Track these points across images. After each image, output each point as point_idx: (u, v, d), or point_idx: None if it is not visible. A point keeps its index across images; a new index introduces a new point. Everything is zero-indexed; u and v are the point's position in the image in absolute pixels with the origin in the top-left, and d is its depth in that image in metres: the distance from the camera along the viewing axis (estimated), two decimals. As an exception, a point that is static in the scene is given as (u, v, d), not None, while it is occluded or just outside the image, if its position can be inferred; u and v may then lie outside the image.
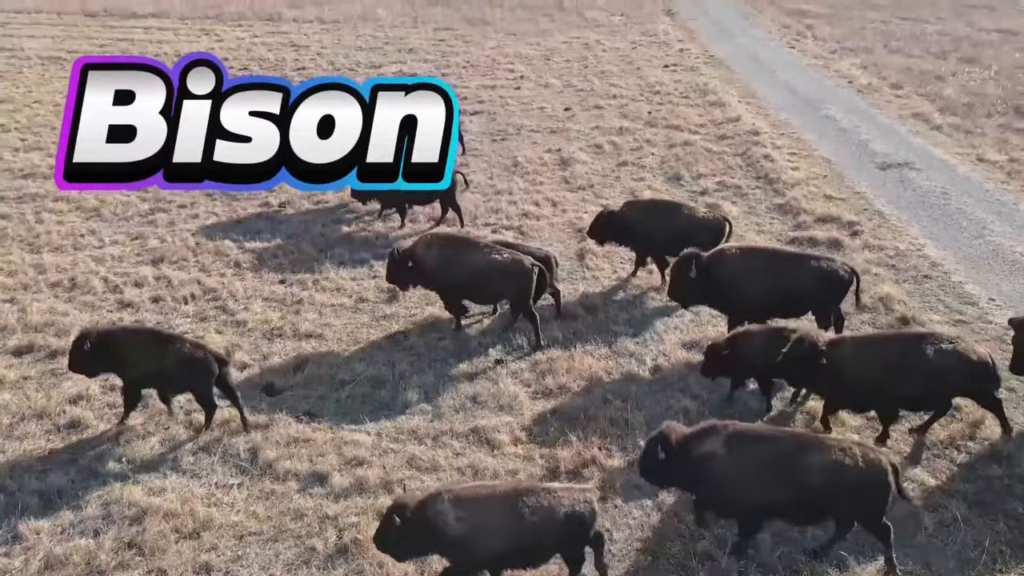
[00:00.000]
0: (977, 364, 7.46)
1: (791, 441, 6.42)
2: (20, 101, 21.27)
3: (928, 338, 7.64)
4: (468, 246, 9.69)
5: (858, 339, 7.95)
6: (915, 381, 7.40)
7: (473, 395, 8.69)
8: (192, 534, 6.75)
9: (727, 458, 6.25)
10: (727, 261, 9.09)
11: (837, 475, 6.08)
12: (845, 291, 9.11)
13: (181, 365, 7.78)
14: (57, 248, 12.44)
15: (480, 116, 19.66)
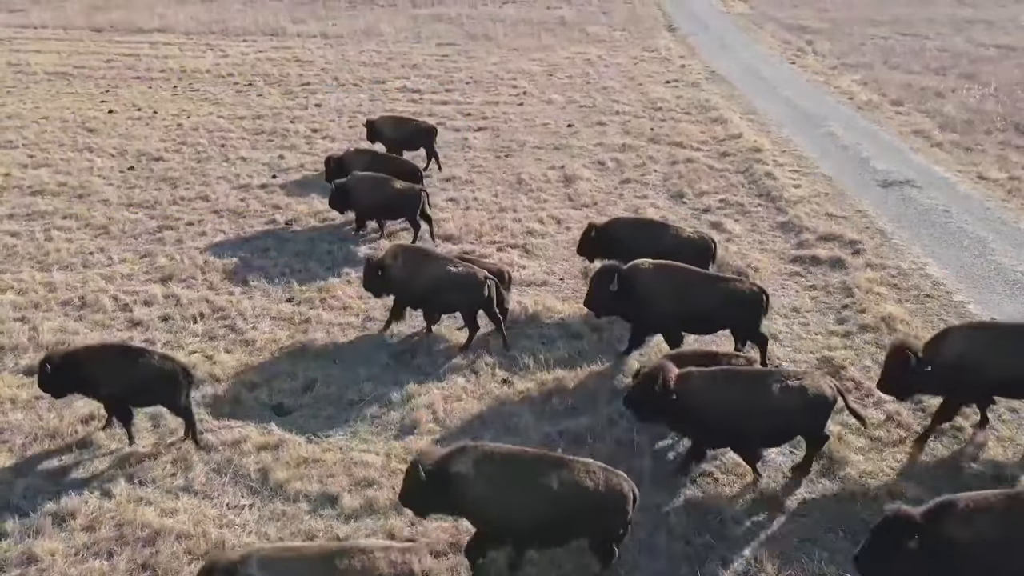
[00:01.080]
0: (819, 401, 7.32)
1: (535, 461, 6.36)
2: (28, 117, 21.50)
3: (775, 375, 7.51)
4: (428, 258, 10.18)
5: (706, 375, 7.59)
6: (761, 418, 7.24)
7: (480, 415, 8.76)
8: (205, 556, 6.81)
9: (476, 480, 6.16)
10: (643, 277, 9.30)
11: (578, 496, 6.12)
12: (757, 312, 9.21)
13: (152, 379, 7.92)
14: (67, 266, 12.56)
15: (484, 132, 19.84)
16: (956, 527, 5.36)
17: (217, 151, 18.33)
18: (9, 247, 13.24)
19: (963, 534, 5.36)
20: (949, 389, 7.84)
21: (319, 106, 22.50)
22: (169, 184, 16.25)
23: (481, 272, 9.96)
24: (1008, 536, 5.34)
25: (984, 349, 7.61)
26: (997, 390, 7.94)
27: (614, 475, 6.35)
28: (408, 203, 13.13)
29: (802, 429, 7.52)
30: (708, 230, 13.77)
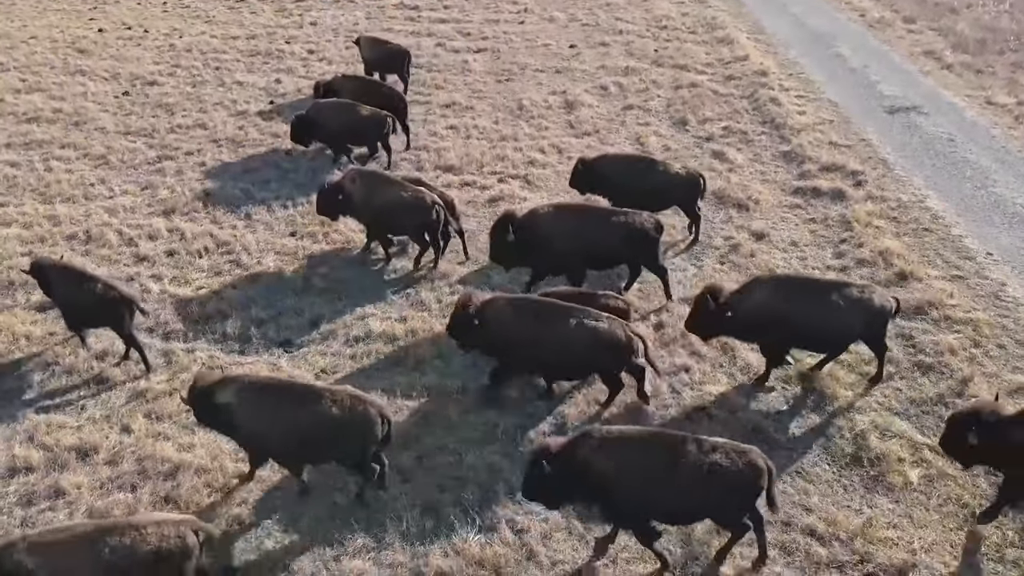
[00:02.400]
0: (610, 344, 7.62)
1: (290, 390, 6.92)
2: (16, 37, 20.91)
3: (576, 312, 7.75)
4: (382, 182, 10.55)
5: (507, 302, 7.94)
6: (553, 349, 7.60)
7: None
8: (223, 488, 7.21)
9: (242, 408, 6.76)
10: (540, 221, 9.37)
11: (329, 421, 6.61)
12: (655, 245, 9.49)
13: (96, 303, 8.51)
14: (69, 198, 12.58)
15: (484, 54, 19.34)
16: (591, 455, 6.06)
17: (212, 75, 17.94)
18: (10, 178, 13.22)
19: (598, 461, 6.02)
20: (750, 335, 8.26)
21: (314, 24, 21.83)
22: (165, 111, 16.02)
23: (430, 196, 10.24)
24: (639, 466, 6.02)
25: (783, 301, 7.92)
26: (794, 341, 8.20)
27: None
28: (374, 128, 13.06)
29: (595, 367, 7.82)
30: (710, 160, 13.81)
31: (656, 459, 6.07)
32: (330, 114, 13.07)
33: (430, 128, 15.22)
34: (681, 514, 6.29)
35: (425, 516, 6.93)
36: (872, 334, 8.08)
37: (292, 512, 7.07)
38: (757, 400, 8.27)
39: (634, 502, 6.09)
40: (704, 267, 10.70)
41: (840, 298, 7.84)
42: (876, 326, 8.02)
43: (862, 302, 7.88)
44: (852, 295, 7.89)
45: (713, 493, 6.02)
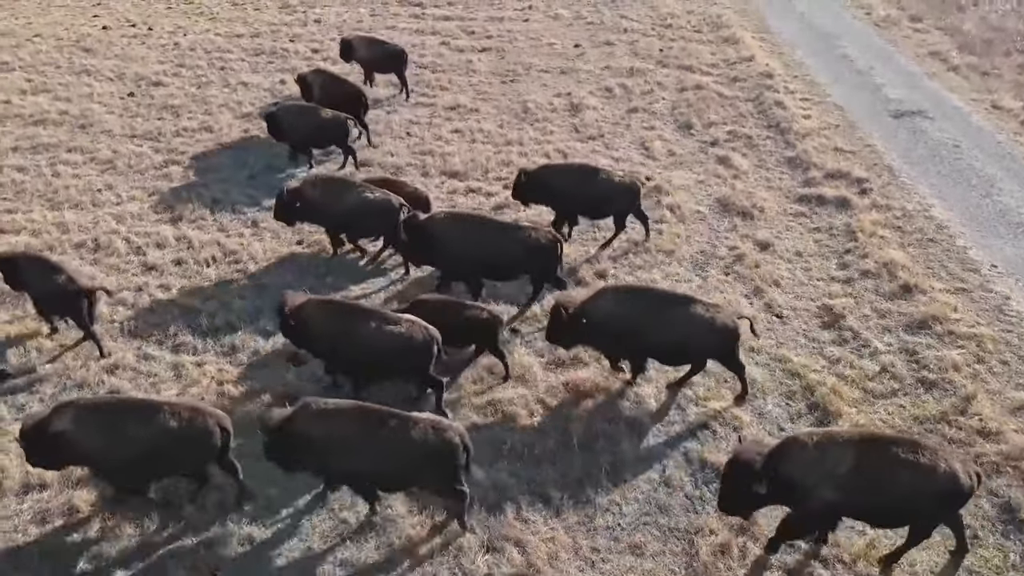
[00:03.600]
0: (414, 345, 7.96)
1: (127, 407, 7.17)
2: (20, 34, 20.89)
3: (378, 315, 8.11)
4: (344, 186, 10.77)
5: (314, 305, 8.32)
6: (357, 349, 8.02)
7: (489, 366, 9.09)
8: (234, 506, 7.32)
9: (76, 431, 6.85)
10: (439, 225, 9.74)
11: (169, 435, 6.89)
12: (553, 259, 9.73)
13: (54, 293, 9.07)
14: (77, 205, 12.64)
15: (489, 54, 19.30)
16: (307, 424, 6.79)
17: (217, 75, 17.94)
18: (18, 183, 13.28)
19: (313, 430, 6.78)
20: (601, 344, 8.53)
21: (318, 22, 21.76)
22: (171, 112, 16.04)
23: (396, 199, 10.47)
24: (344, 434, 6.76)
25: (628, 311, 8.16)
26: (645, 351, 8.42)
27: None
28: (334, 131, 13.28)
29: (403, 367, 8.16)
30: (715, 165, 13.83)
31: (359, 429, 6.73)
32: (292, 116, 13.30)
33: (435, 132, 15.23)
34: (389, 479, 6.92)
35: (433, 535, 7.03)
36: (721, 353, 8.26)
37: (300, 530, 7.17)
38: (762, 417, 8.35)
39: (344, 466, 6.80)
40: (709, 278, 10.76)
41: (682, 313, 8.06)
42: (723, 345, 8.16)
43: (704, 320, 8.05)
44: (696, 312, 8.08)
45: (412, 462, 6.71)
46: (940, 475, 6.16)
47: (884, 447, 6.31)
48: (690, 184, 13.23)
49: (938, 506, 6.32)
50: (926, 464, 6.17)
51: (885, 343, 9.30)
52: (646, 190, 12.97)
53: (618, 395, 8.67)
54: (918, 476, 6.14)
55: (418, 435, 6.66)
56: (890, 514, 6.43)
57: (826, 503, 6.29)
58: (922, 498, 6.22)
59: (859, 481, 6.21)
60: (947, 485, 6.19)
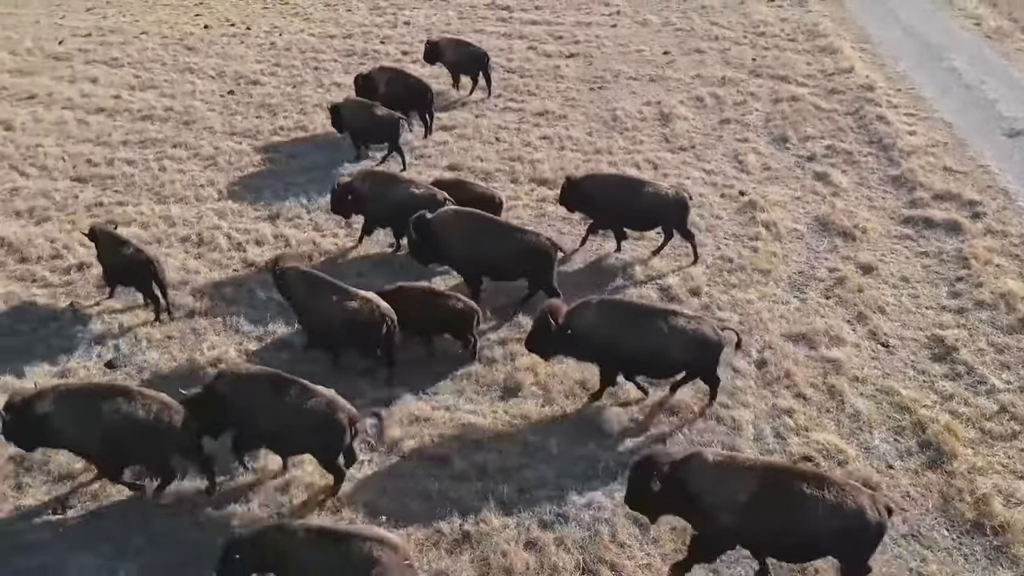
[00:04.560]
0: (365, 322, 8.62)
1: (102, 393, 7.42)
2: (128, 32, 21.93)
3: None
4: (394, 182, 11.13)
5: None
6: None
7: (582, 381, 9.00)
8: (332, 508, 7.45)
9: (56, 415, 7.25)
10: (441, 223, 9.93)
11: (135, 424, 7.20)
12: (549, 265, 9.79)
13: (127, 265, 9.84)
14: (182, 199, 13.15)
15: (576, 59, 19.18)
16: (226, 389, 7.49)
17: (311, 75, 18.39)
18: (128, 176, 13.91)
19: (231, 395, 7.50)
20: (585, 355, 8.53)
21: (408, 24, 22.09)
22: (268, 111, 16.53)
23: (441, 194, 10.73)
24: (251, 397, 7.48)
25: (609, 324, 8.18)
26: (626, 364, 8.39)
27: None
28: (385, 129, 13.61)
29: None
30: (812, 181, 13.37)
31: (264, 393, 7.40)
32: (350, 112, 13.90)
33: (523, 138, 15.22)
34: (282, 443, 7.54)
35: (528, 551, 7.00)
36: (701, 365, 8.21)
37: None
38: (869, 452, 7.99)
39: (248, 427, 7.48)
40: (808, 300, 10.39)
41: (665, 326, 8.02)
42: (705, 357, 8.12)
43: (687, 332, 8.00)
44: (678, 324, 8.04)
45: (301, 429, 7.27)
46: (845, 511, 6.01)
47: (788, 479, 6.21)
48: (786, 200, 12.82)
49: (844, 544, 6.14)
50: (830, 500, 6.03)
51: (1004, 380, 8.78)
52: (739, 205, 12.71)
53: (713, 418, 8.45)
54: (821, 511, 6.01)
55: (313, 406, 7.27)
56: (792, 549, 6.31)
57: (724, 528, 6.25)
58: (825, 534, 6.06)
59: (759, 511, 6.14)
60: (852, 522, 6.02)
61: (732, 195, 13.03)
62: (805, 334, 9.63)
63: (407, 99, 14.66)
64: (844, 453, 7.91)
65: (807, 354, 9.31)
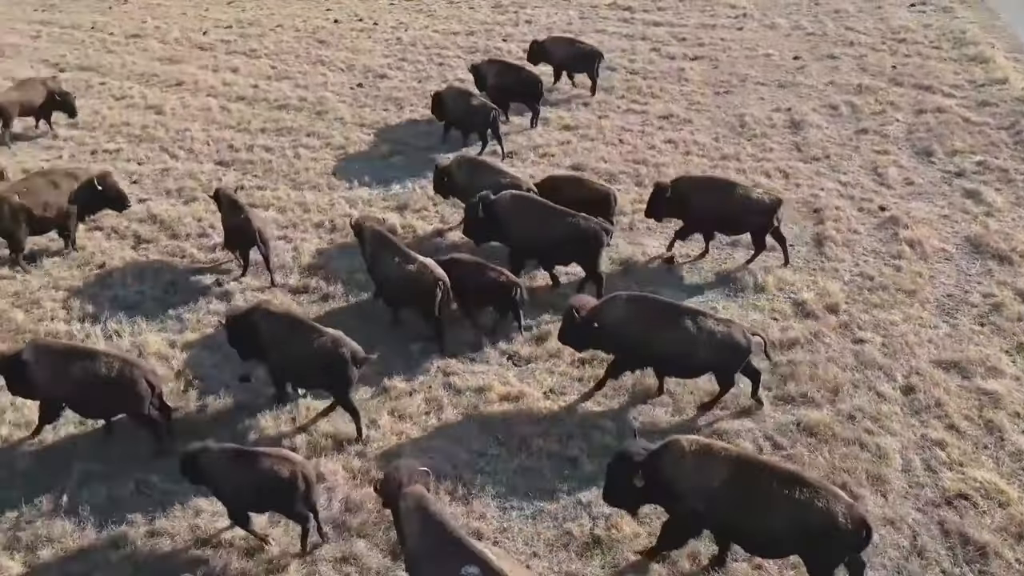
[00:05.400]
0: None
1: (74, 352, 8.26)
2: (265, 24, 23.03)
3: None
4: (486, 168, 11.72)
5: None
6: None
7: (712, 392, 8.74)
8: (464, 498, 7.53)
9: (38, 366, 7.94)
10: (501, 204, 10.29)
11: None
12: (597, 250, 9.99)
13: (235, 228, 10.65)
14: (315, 186, 13.66)
15: (701, 62, 18.72)
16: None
17: (436, 71, 18.73)
18: (266, 162, 14.59)
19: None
20: (612, 350, 8.61)
21: (529, 23, 22.17)
22: (395, 104, 16.96)
23: (526, 183, 11.20)
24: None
25: (634, 319, 8.30)
26: (651, 362, 8.48)
27: None
28: (479, 118, 13.98)
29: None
30: (962, 199, 12.53)
31: (282, 330, 8.41)
32: (451, 99, 14.48)
33: (647, 141, 14.98)
34: (298, 376, 8.59)
35: (660, 563, 6.83)
36: (727, 368, 8.25)
37: (523, 533, 7.24)
38: (1032, 495, 7.39)
39: (272, 359, 8.57)
40: (959, 326, 9.72)
41: (694, 326, 8.05)
42: (731, 360, 8.16)
43: (714, 334, 8.04)
44: (706, 325, 8.06)
45: (310, 363, 8.24)
46: (813, 512, 6.03)
47: (759, 472, 6.31)
48: (932, 218, 12.05)
49: (811, 544, 6.14)
50: (800, 499, 6.07)
51: None
52: (879, 220, 12.06)
53: (857, 443, 8.02)
54: (787, 508, 6.08)
55: (320, 344, 8.10)
56: (758, 541, 6.40)
57: (695, 513, 6.44)
58: (791, 532, 6.11)
59: (728, 499, 6.30)
60: (820, 524, 6.02)
61: (871, 209, 12.37)
62: (957, 362, 9.01)
63: (516, 91, 15.12)
64: (1005, 494, 7.33)
65: (960, 384, 8.71)
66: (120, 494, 7.74)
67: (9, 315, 10.35)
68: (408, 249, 9.80)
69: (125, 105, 17.49)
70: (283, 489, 6.72)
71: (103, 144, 15.52)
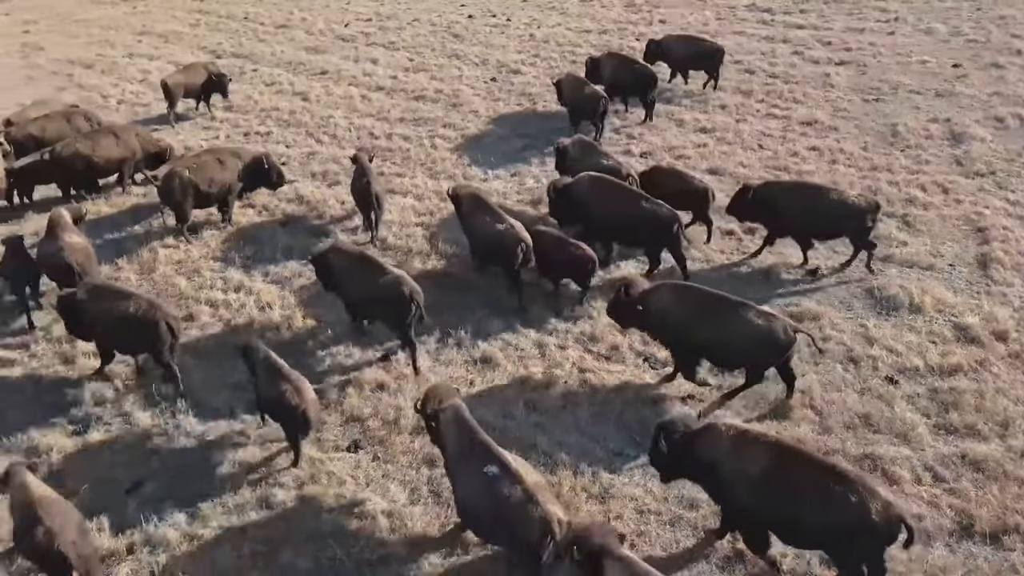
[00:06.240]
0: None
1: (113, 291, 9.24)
2: (403, 18, 23.74)
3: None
4: (595, 152, 12.35)
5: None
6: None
7: (864, 415, 8.28)
8: (599, 497, 7.46)
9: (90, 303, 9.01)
10: (580, 186, 10.86)
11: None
12: (668, 234, 10.27)
13: (357, 191, 11.65)
14: (450, 176, 13.92)
15: (847, 67, 17.84)
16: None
17: (568, 68, 18.63)
18: (404, 151, 15.02)
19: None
20: (655, 334, 8.95)
21: (663, 23, 21.80)
22: (528, 99, 17.07)
23: (626, 168, 11.74)
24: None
25: (675, 305, 8.52)
26: (692, 349, 8.53)
27: None
28: (591, 105, 14.44)
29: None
30: None
31: (352, 266, 9.54)
32: (568, 88, 14.98)
33: (789, 147, 14.39)
34: (365, 309, 9.58)
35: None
36: (766, 362, 8.25)
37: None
38: None
39: (345, 293, 9.67)
40: None
41: (735, 317, 8.12)
42: (770, 355, 8.15)
43: (756, 327, 8.04)
44: (747, 317, 8.09)
45: (375, 298, 9.24)
46: (849, 507, 5.96)
47: (799, 462, 6.28)
48: (1118, 246, 10.95)
49: (842, 539, 6.08)
50: (836, 492, 6.01)
51: None
52: (1051, 248, 11.05)
53: None
54: (822, 501, 6.04)
55: (384, 280, 8.98)
56: (792, 532, 6.35)
57: (740, 502, 6.47)
58: (825, 526, 6.07)
59: (765, 487, 6.29)
60: (854, 519, 5.96)
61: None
62: None
63: (632, 85, 15.44)
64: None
65: None
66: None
67: (174, 281, 11.11)
68: (501, 211, 10.51)
69: (274, 91, 18.47)
70: None
71: (255, 127, 16.43)
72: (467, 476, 6.50)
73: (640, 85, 15.34)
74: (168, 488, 7.77)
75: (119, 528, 7.29)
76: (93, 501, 7.58)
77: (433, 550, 6.98)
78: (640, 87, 15.35)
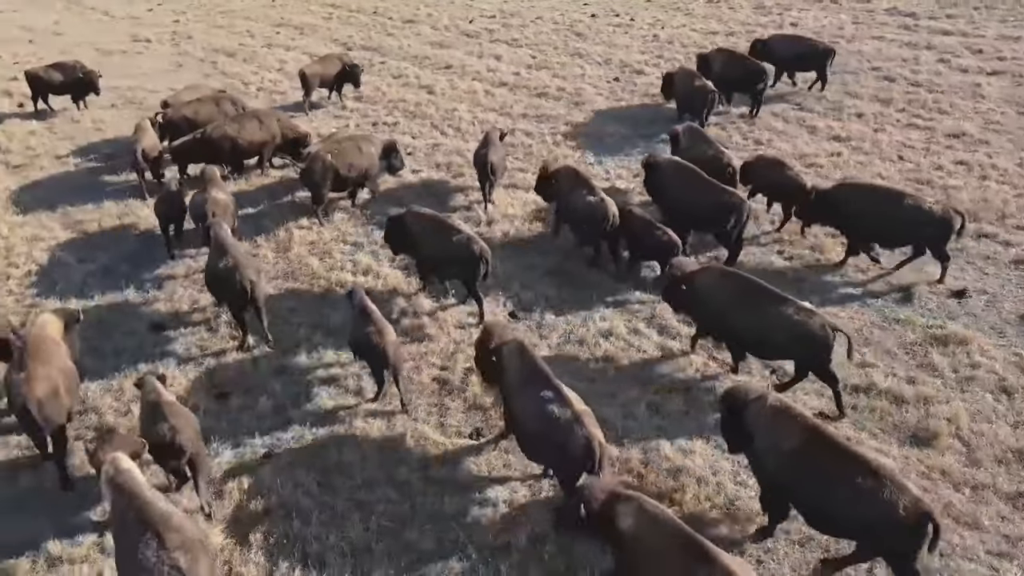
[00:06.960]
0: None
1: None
2: (526, 16, 23.95)
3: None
4: (702, 140, 12.64)
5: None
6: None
7: (1019, 450, 7.68)
8: (722, 507, 7.26)
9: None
10: (663, 169, 11.38)
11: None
12: (736, 220, 10.46)
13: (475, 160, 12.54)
14: (572, 175, 13.90)
15: (1001, 78, 16.65)
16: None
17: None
18: (526, 146, 15.15)
19: None
20: (698, 319, 9.13)
21: (795, 26, 21.02)
22: (652, 100, 16.83)
23: (727, 157, 12.02)
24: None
25: (717, 291, 8.64)
26: (731, 337, 8.69)
27: None
28: (700, 98, 14.74)
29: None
30: None
31: (427, 228, 10.18)
32: (678, 82, 15.35)
33: (933, 160, 13.56)
34: (437, 268, 10.36)
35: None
36: (805, 358, 8.18)
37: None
38: None
39: (420, 253, 10.51)
40: None
41: (774, 310, 8.12)
42: (808, 351, 8.07)
43: (792, 321, 8.02)
44: (785, 311, 8.08)
45: (448, 256, 9.95)
46: (876, 501, 5.93)
47: (831, 446, 6.29)
48: None
49: (868, 532, 6.07)
50: (865, 485, 6.00)
51: None
52: None
53: None
54: (849, 490, 6.04)
55: (457, 239, 9.77)
56: (817, 517, 6.41)
57: (771, 476, 6.58)
58: (849, 515, 6.08)
59: (794, 466, 6.36)
60: (881, 514, 5.93)
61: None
62: None
63: (740, 81, 15.50)
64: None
65: None
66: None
67: (306, 261, 11.63)
68: (595, 185, 11.09)
69: (401, 83, 19.03)
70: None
71: (383, 117, 16.97)
72: (526, 400, 7.17)
73: (749, 81, 15.36)
74: (303, 457, 8.14)
75: (257, 492, 7.69)
76: (231, 465, 8.04)
77: (553, 545, 7.00)
78: (749, 83, 15.38)
